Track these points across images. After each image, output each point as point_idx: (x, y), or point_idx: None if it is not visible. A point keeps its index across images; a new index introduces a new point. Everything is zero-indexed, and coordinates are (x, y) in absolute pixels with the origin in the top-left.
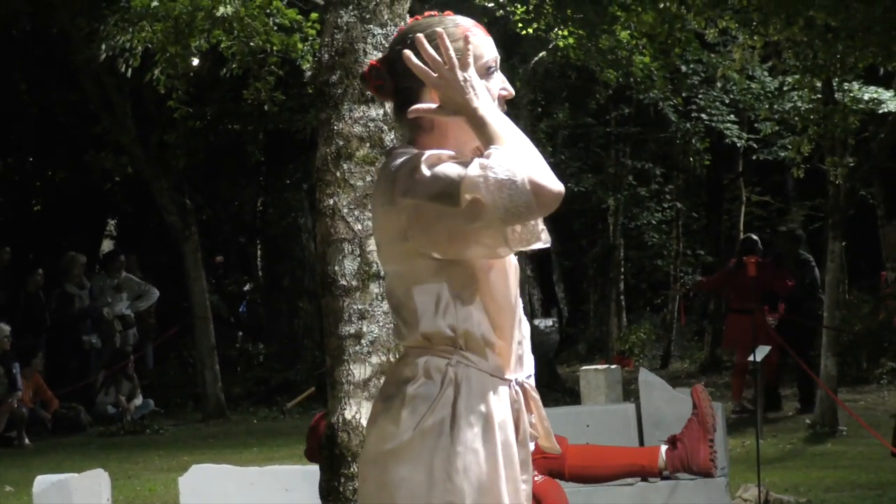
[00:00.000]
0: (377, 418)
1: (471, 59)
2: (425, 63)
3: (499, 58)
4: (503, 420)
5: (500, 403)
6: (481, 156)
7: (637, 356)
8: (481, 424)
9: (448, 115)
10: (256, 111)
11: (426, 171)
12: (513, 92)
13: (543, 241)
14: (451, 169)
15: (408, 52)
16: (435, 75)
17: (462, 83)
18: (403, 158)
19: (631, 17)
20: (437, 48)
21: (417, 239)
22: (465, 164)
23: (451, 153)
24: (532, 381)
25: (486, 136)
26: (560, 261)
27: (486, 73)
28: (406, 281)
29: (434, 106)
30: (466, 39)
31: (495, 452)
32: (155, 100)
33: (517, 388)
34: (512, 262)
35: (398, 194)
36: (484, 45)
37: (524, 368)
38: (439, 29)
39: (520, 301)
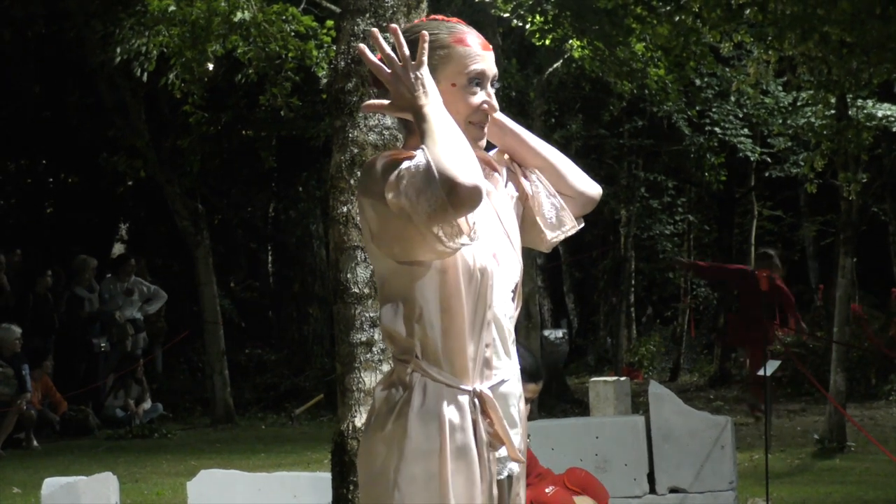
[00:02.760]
0: (366, 421)
1: (424, 59)
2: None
3: (489, 71)
4: (458, 428)
5: (455, 412)
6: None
7: (646, 368)
8: (433, 433)
9: (398, 112)
10: (271, 117)
11: (377, 171)
12: (496, 107)
13: (472, 238)
14: (390, 168)
15: (362, 47)
16: (388, 71)
17: (412, 80)
18: (373, 159)
19: (646, 29)
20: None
21: (375, 239)
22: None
23: (405, 152)
24: (509, 387)
25: (424, 134)
26: (570, 272)
27: (468, 82)
28: (378, 279)
29: (386, 102)
30: (423, 38)
31: (445, 462)
32: (169, 104)
33: (475, 398)
34: (479, 263)
35: (360, 193)
36: (473, 56)
37: (494, 371)
38: (394, 26)
39: (496, 301)
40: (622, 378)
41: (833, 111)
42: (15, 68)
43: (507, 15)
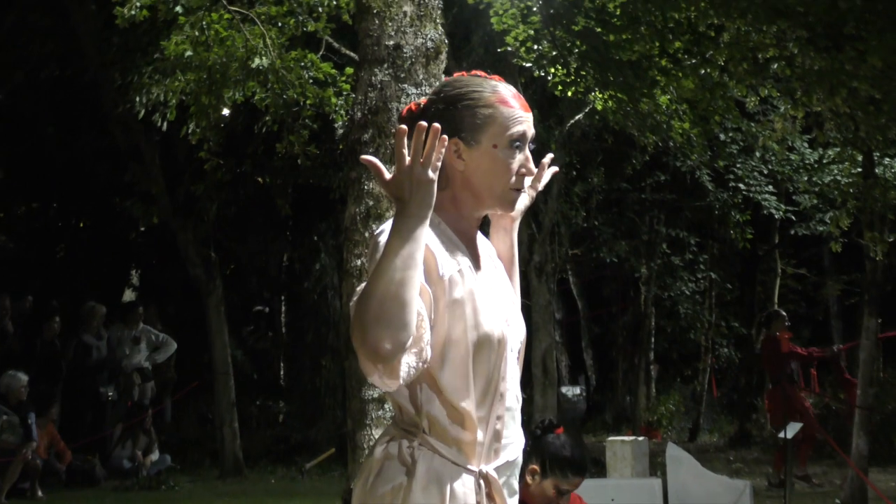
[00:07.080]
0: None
1: (438, 164)
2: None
3: (529, 132)
4: (461, 501)
5: (460, 487)
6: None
7: (665, 428)
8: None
9: (385, 190)
10: (287, 165)
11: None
12: (533, 170)
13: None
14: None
15: (403, 129)
16: (404, 164)
17: (411, 179)
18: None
19: (671, 82)
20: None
21: None
22: None
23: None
24: (513, 456)
25: (390, 237)
26: (589, 327)
27: (509, 144)
28: None
29: (386, 175)
30: (442, 143)
31: None
32: (185, 150)
33: (481, 479)
34: (496, 333)
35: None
36: (516, 118)
37: (502, 444)
38: (402, 127)
39: (509, 373)
40: (640, 438)
41: (859, 169)
42: (28, 110)
43: (529, 65)
